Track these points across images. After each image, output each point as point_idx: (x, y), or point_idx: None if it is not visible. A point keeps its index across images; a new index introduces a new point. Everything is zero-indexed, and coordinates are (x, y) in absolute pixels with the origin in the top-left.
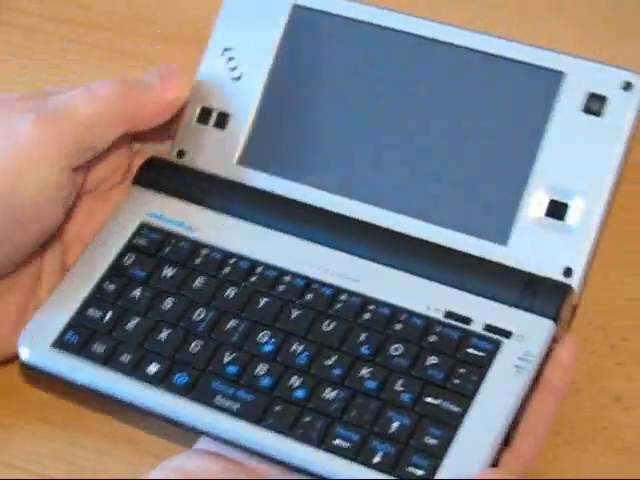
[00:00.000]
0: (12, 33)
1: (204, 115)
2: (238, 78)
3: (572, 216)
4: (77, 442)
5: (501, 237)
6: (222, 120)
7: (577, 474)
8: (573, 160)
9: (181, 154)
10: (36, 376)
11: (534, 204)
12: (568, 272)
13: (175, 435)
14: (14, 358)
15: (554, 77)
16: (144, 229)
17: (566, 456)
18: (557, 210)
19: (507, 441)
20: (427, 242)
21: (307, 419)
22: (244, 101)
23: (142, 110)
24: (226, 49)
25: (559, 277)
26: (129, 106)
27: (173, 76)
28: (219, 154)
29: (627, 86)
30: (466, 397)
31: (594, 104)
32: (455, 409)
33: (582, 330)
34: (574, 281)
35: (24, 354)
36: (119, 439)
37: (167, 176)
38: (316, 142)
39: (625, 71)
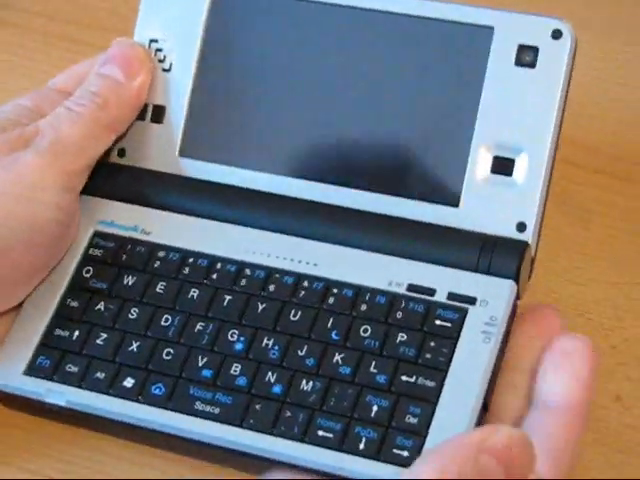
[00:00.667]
0: (12, 33)
1: (140, 111)
2: (168, 69)
3: (518, 170)
4: (77, 441)
5: (452, 199)
6: (158, 113)
7: (577, 474)
8: (513, 115)
9: (122, 153)
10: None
11: (480, 163)
12: (521, 227)
13: None
14: None
15: (484, 33)
16: (98, 239)
17: None
18: (503, 166)
19: (485, 406)
20: (379, 215)
21: (287, 414)
22: (177, 91)
23: (121, 110)
24: (152, 40)
25: (513, 233)
26: (110, 114)
27: (129, 58)
28: (160, 148)
29: (557, 34)
30: (440, 370)
31: (526, 56)
32: (430, 384)
33: (582, 330)
34: (528, 235)
35: None
36: (120, 438)
37: (112, 181)
38: (253, 123)
39: (553, 19)
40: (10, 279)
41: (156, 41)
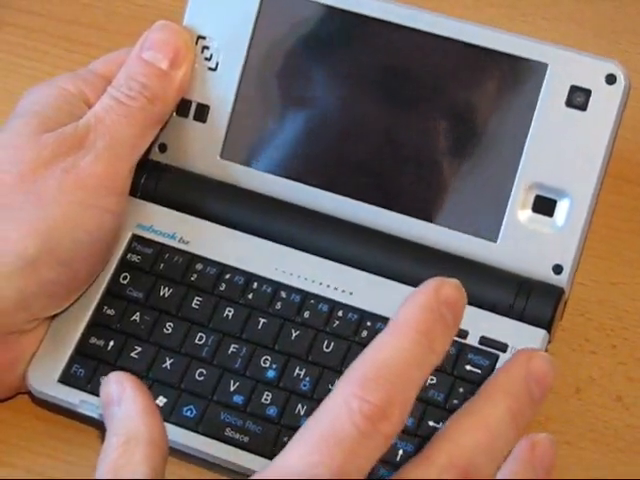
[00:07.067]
0: (12, 33)
1: (183, 107)
2: (214, 68)
3: (559, 212)
4: (79, 441)
5: (491, 233)
6: (202, 112)
7: (577, 474)
8: (559, 155)
9: (163, 148)
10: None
11: (522, 200)
12: (558, 269)
13: None
14: None
15: (537, 69)
16: (136, 243)
17: (566, 456)
18: (544, 206)
19: None
20: (419, 245)
21: None
22: (222, 92)
23: (166, 103)
24: (200, 37)
25: (549, 275)
26: (157, 108)
27: (175, 45)
28: (202, 148)
29: (611, 79)
30: None
31: (577, 97)
32: None
33: (583, 330)
34: (564, 279)
35: (32, 390)
36: None
37: (153, 182)
38: (296, 133)
39: (609, 63)
40: (68, 288)
41: (204, 38)
